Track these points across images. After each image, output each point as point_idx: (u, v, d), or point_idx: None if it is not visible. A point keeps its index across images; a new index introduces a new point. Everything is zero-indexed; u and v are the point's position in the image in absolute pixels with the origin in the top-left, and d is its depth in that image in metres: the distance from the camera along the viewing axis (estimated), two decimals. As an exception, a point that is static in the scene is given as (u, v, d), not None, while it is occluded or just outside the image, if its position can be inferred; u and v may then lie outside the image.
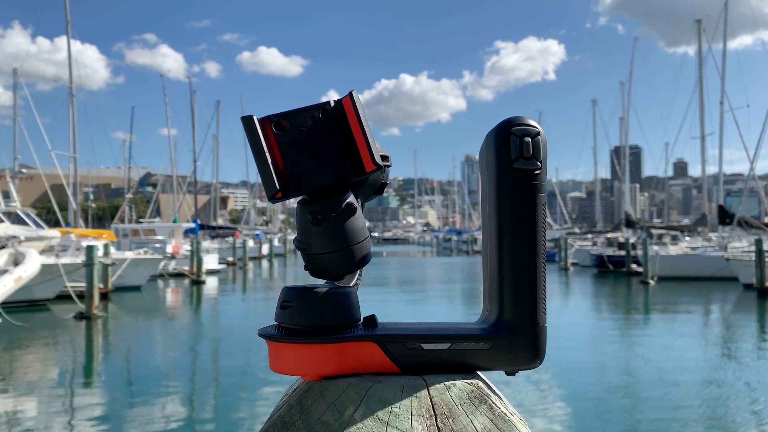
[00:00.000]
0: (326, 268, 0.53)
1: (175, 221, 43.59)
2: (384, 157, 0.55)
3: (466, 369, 0.53)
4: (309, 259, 0.53)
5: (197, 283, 26.29)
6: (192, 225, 41.65)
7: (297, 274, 33.82)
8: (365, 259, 0.54)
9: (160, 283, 26.37)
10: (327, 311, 0.51)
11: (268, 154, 0.50)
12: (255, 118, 0.50)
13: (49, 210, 53.46)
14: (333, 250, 0.52)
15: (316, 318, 0.51)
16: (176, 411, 7.52)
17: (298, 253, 0.54)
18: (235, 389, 8.55)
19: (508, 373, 0.55)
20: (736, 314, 16.93)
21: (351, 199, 0.52)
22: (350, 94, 0.52)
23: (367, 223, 0.55)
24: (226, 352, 11.54)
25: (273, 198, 0.50)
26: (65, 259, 17.91)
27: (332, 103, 0.53)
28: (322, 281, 0.55)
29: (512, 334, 0.53)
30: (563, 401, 7.70)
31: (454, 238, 78.31)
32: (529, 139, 0.51)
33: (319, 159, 0.51)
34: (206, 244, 34.45)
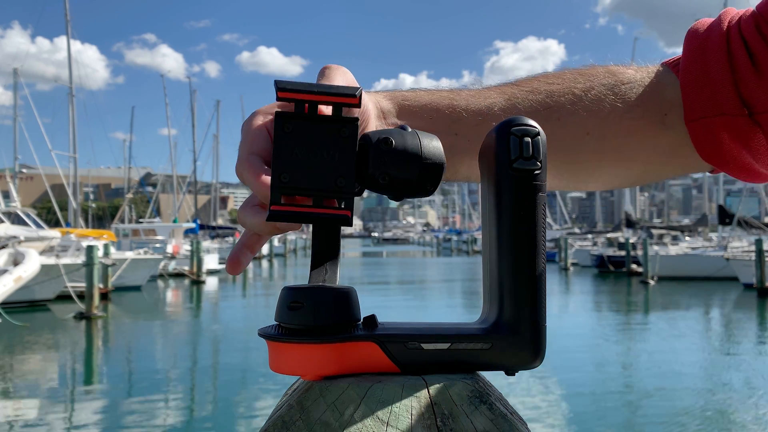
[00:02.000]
0: None
1: (175, 221, 43.64)
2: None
3: (466, 369, 0.53)
4: None
5: (197, 283, 26.30)
6: (192, 225, 41.69)
7: (297, 274, 33.80)
8: None
9: (160, 283, 26.39)
10: (327, 311, 0.51)
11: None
12: None
13: (49, 210, 53.52)
14: None
15: (316, 318, 0.51)
16: (176, 411, 7.53)
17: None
18: (235, 389, 8.56)
19: (508, 373, 0.55)
20: (736, 314, 16.94)
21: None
22: None
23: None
24: (226, 352, 11.55)
25: None
26: (65, 260, 17.92)
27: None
28: (320, 281, 0.55)
29: (512, 334, 0.53)
30: (563, 401, 7.70)
31: (454, 238, 78.33)
32: (529, 139, 0.51)
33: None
34: (206, 244, 34.47)
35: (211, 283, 27.10)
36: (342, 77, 0.56)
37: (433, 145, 0.50)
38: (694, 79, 0.67)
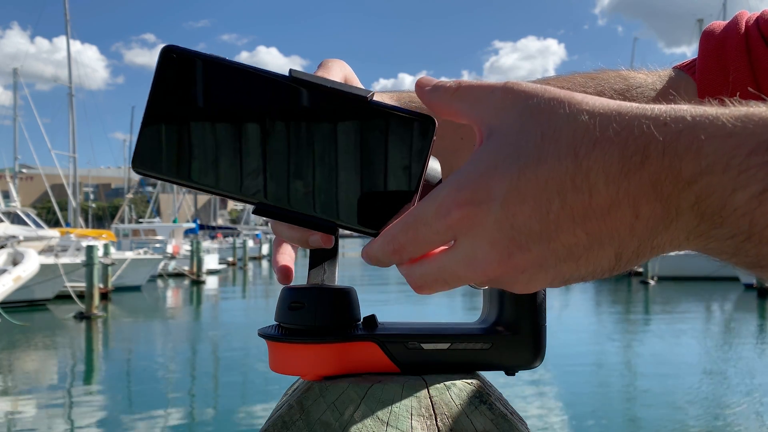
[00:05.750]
0: None
1: (175, 221, 43.68)
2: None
3: (466, 369, 0.53)
4: None
5: (197, 283, 26.29)
6: (192, 225, 41.73)
7: (297, 274, 33.69)
8: None
9: (160, 283, 26.37)
10: (327, 311, 0.51)
11: None
12: None
13: (49, 210, 53.56)
14: None
15: (316, 318, 0.51)
16: (176, 411, 7.52)
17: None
18: (235, 389, 8.55)
19: (508, 373, 0.55)
20: (737, 314, 16.94)
21: None
22: None
23: None
24: (226, 352, 11.54)
25: None
26: (65, 259, 17.91)
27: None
28: (319, 281, 0.55)
29: (512, 334, 0.53)
30: (563, 401, 7.70)
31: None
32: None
33: None
34: (206, 244, 34.47)
35: (211, 283, 27.09)
36: (340, 71, 0.56)
37: (432, 167, 0.48)
38: (712, 78, 0.66)
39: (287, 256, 0.58)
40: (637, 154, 0.34)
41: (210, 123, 0.43)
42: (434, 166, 0.48)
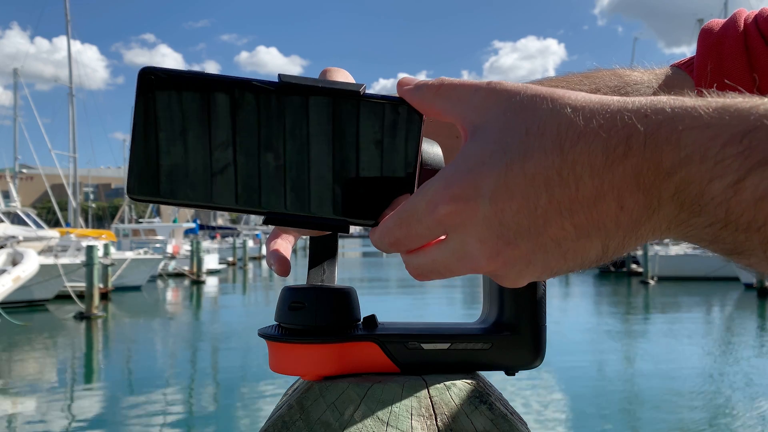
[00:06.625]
0: None
1: (175, 221, 43.67)
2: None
3: (466, 369, 0.53)
4: None
5: (197, 283, 26.28)
6: (192, 225, 41.71)
7: (297, 274, 33.72)
8: None
9: (160, 283, 26.37)
10: (328, 311, 0.51)
11: None
12: None
13: (49, 210, 53.57)
14: None
15: (317, 318, 0.51)
16: (176, 411, 7.52)
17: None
18: (235, 389, 8.55)
19: (508, 373, 0.55)
20: (737, 314, 16.94)
21: None
22: None
23: None
24: (226, 352, 11.54)
25: None
26: (64, 259, 17.92)
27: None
28: (319, 281, 0.55)
29: (512, 334, 0.53)
30: (563, 401, 7.70)
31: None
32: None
33: None
34: (206, 244, 34.46)
35: (211, 283, 27.08)
36: (343, 79, 0.56)
37: (433, 151, 0.48)
38: (709, 75, 0.66)
39: (282, 249, 0.58)
40: (620, 145, 0.35)
41: (202, 140, 0.42)
42: (436, 150, 0.48)
